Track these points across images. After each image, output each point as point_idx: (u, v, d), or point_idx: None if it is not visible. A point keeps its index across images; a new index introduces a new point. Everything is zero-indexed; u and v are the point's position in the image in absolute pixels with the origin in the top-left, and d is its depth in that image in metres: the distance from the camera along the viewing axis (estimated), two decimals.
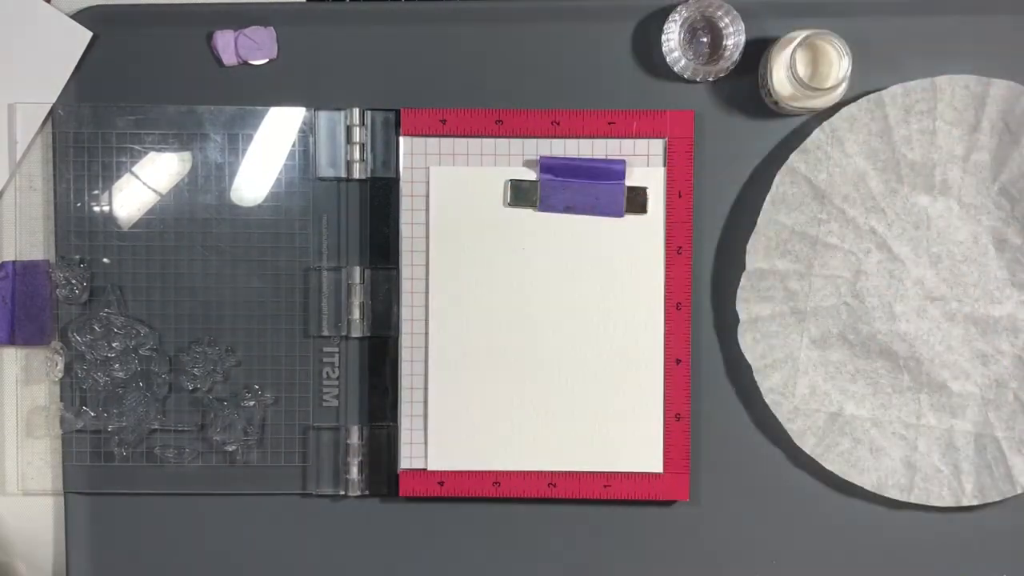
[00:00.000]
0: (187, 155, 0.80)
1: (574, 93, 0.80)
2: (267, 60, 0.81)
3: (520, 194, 0.80)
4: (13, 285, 0.81)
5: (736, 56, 0.78)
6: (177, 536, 0.82)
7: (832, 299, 0.80)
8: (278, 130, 0.80)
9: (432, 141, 0.80)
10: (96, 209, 0.80)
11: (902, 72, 0.79)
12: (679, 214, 0.80)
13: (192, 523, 0.81)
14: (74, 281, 0.80)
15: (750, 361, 0.79)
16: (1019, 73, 0.78)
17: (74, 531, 0.81)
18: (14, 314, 0.81)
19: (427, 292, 0.80)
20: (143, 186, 0.80)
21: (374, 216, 0.80)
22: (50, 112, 0.80)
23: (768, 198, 0.78)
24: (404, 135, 0.80)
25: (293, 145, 0.80)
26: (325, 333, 0.81)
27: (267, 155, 0.80)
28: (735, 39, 0.78)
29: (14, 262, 0.81)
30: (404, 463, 0.81)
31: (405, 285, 0.80)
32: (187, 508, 0.81)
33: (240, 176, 0.80)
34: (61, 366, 0.80)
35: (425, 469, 0.81)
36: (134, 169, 0.80)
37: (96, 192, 0.80)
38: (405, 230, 0.80)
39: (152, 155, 0.80)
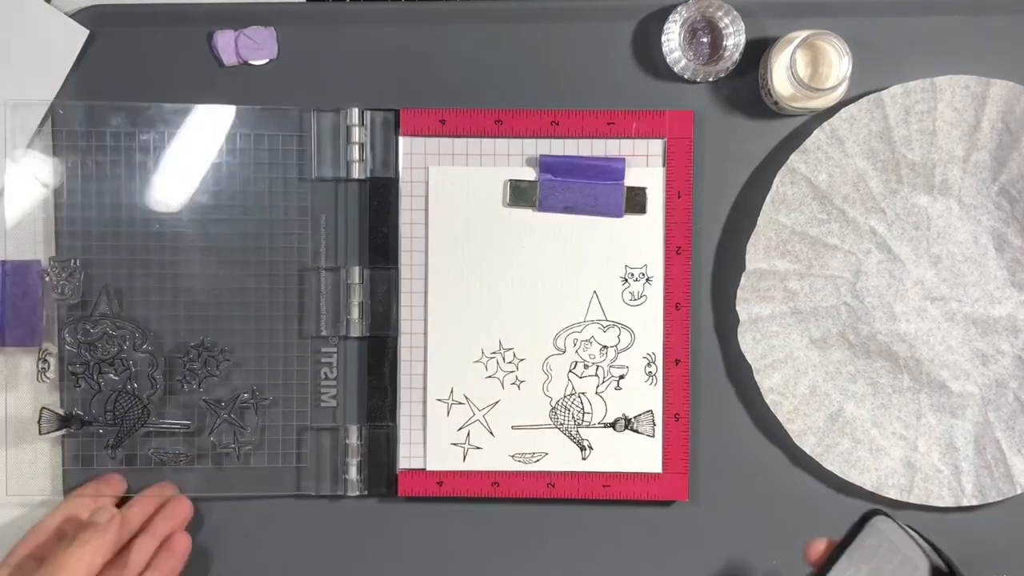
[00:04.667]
0: (186, 154, 0.80)
1: (574, 93, 0.80)
2: (267, 60, 0.81)
3: (519, 194, 0.80)
4: (3, 286, 0.80)
5: (736, 56, 0.78)
6: None
7: (832, 299, 0.79)
8: (277, 130, 0.80)
9: (431, 141, 0.80)
10: (93, 208, 0.80)
11: (902, 72, 0.79)
12: (678, 214, 0.80)
13: (191, 524, 0.80)
14: (68, 281, 0.79)
15: (750, 361, 0.79)
16: (1019, 73, 0.78)
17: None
18: (4, 315, 0.80)
19: (426, 292, 0.80)
20: (140, 185, 0.80)
21: (373, 216, 0.80)
22: (48, 110, 0.80)
23: (768, 198, 0.78)
24: (403, 135, 0.80)
25: (292, 145, 0.80)
26: (323, 333, 0.80)
27: (266, 155, 0.80)
28: (735, 39, 0.78)
29: (4, 262, 0.80)
30: (403, 463, 0.80)
31: (404, 285, 0.80)
32: None
33: (239, 176, 0.80)
34: (53, 368, 0.79)
35: (424, 469, 0.80)
36: (131, 168, 0.80)
37: (93, 191, 0.80)
38: (404, 230, 0.80)
39: (150, 154, 0.80)
